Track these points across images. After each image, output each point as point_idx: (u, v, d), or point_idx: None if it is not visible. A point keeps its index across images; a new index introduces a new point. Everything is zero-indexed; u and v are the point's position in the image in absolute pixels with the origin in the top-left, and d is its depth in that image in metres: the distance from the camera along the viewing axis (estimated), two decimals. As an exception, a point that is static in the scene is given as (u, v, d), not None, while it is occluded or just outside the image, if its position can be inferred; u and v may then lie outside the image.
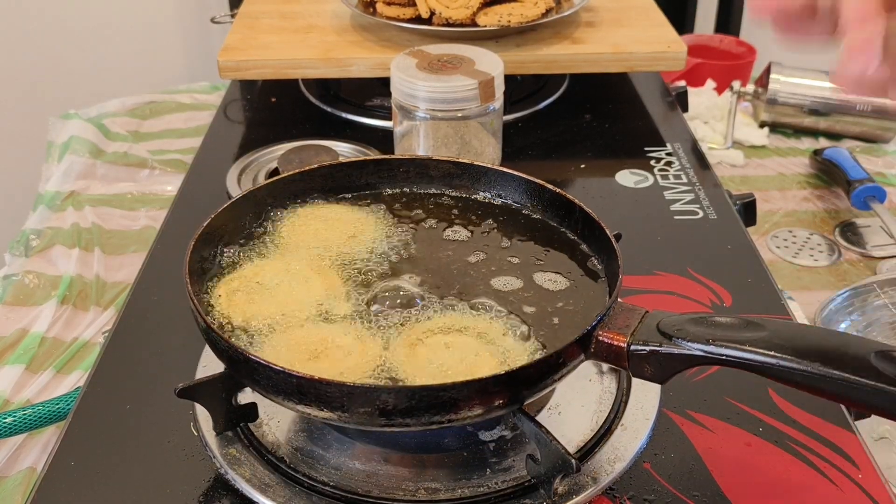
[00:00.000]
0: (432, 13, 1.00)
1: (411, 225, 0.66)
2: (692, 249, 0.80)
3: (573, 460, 0.49)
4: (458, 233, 0.65)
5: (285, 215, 0.66)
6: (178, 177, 1.10)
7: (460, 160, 0.69)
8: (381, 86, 1.06)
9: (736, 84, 1.26)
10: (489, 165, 0.69)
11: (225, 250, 0.62)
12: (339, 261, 0.62)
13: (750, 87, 1.27)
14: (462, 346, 0.54)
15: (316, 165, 0.68)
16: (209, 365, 0.63)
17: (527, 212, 0.67)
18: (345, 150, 0.93)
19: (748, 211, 0.91)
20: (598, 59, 1.00)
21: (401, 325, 0.56)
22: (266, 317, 0.56)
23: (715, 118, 1.30)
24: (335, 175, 0.68)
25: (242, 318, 0.56)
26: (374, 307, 0.57)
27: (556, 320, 0.57)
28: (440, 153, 0.83)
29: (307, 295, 0.58)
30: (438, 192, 0.70)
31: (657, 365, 0.50)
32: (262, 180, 0.88)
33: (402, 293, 0.59)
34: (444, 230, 0.66)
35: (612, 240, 0.59)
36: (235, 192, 0.86)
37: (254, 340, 0.54)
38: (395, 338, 0.55)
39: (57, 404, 0.70)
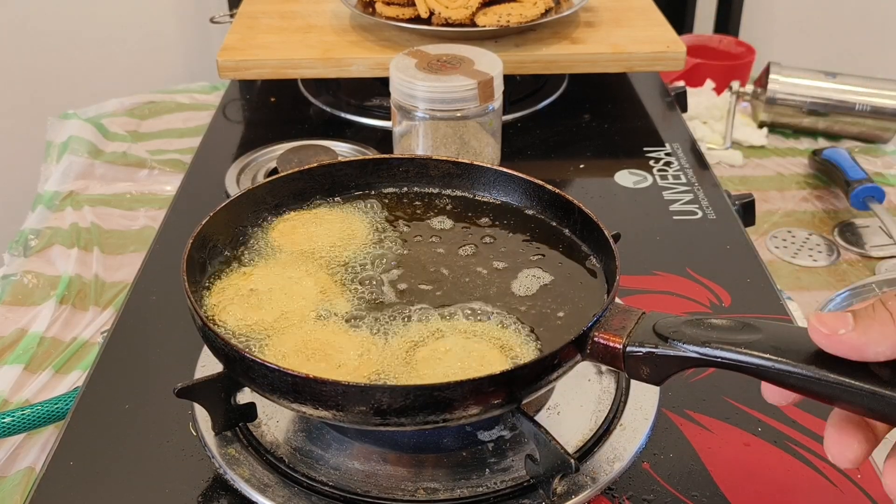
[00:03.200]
0: (431, 13, 1.00)
1: (410, 225, 0.66)
2: (691, 249, 0.80)
3: (572, 460, 0.49)
4: (457, 233, 0.65)
5: (281, 218, 0.66)
6: (177, 177, 1.10)
7: (460, 160, 0.69)
8: (381, 86, 1.06)
9: (735, 84, 1.26)
10: (488, 165, 0.69)
11: (223, 251, 0.62)
12: (336, 264, 0.62)
13: (749, 88, 1.28)
14: (460, 347, 0.54)
15: (316, 164, 0.68)
16: (208, 365, 0.63)
17: (526, 212, 0.67)
18: (344, 150, 0.93)
19: (747, 211, 0.91)
20: (598, 60, 1.00)
21: (399, 328, 0.56)
22: (262, 322, 0.56)
23: (714, 118, 1.30)
24: (334, 174, 0.68)
25: (239, 323, 0.56)
26: (372, 311, 0.57)
27: (553, 321, 0.57)
28: (439, 153, 0.83)
29: (304, 300, 0.58)
30: (437, 192, 0.70)
31: (653, 367, 0.50)
32: (261, 180, 0.88)
33: (400, 296, 0.59)
34: (443, 231, 0.66)
35: (611, 240, 0.59)
36: (234, 191, 0.86)
37: (251, 345, 0.54)
38: (393, 342, 0.55)
39: (56, 404, 0.70)
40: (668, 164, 0.94)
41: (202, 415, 0.58)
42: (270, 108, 1.09)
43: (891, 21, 1.85)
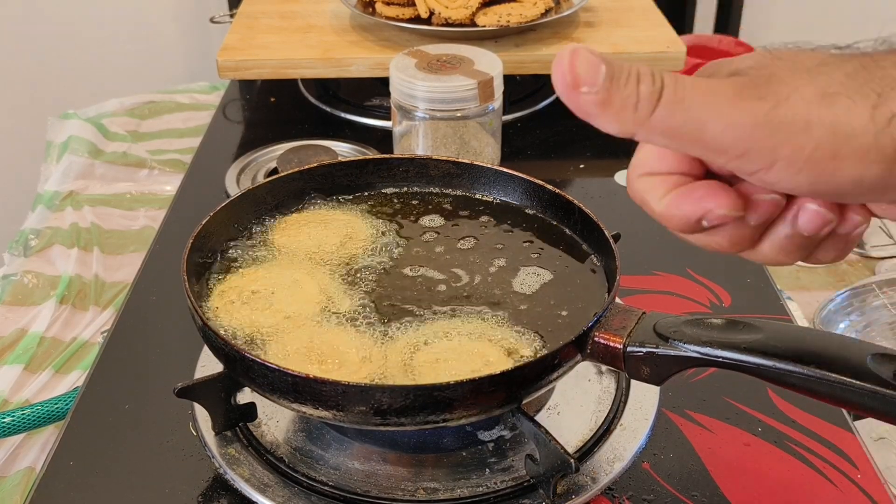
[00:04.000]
0: (431, 13, 1.00)
1: (410, 225, 0.66)
2: (691, 249, 0.79)
3: (572, 460, 0.49)
4: (457, 233, 0.65)
5: (281, 219, 0.66)
6: (177, 177, 1.10)
7: (460, 160, 0.69)
8: (381, 86, 1.06)
9: (735, 84, 1.26)
10: (488, 165, 0.69)
11: (223, 251, 0.62)
12: (336, 264, 0.62)
13: (749, 88, 1.27)
14: (460, 347, 0.54)
15: (316, 164, 0.68)
16: (208, 365, 0.63)
17: (526, 212, 0.67)
18: (344, 150, 0.93)
19: (747, 211, 0.90)
20: (598, 60, 1.00)
21: (400, 328, 0.56)
22: (263, 322, 0.55)
23: (714, 118, 1.30)
24: (334, 174, 0.68)
25: (239, 323, 0.55)
26: (373, 311, 0.57)
27: (553, 320, 0.57)
28: (439, 153, 0.83)
29: (304, 300, 0.57)
30: (438, 191, 0.70)
31: (653, 366, 0.50)
32: (261, 180, 0.88)
33: (400, 296, 0.59)
34: (443, 231, 0.65)
35: (611, 240, 0.59)
36: (234, 191, 0.86)
37: (251, 345, 0.54)
38: (394, 342, 0.55)
39: (56, 404, 0.70)
40: (668, 164, 0.94)
41: (202, 415, 0.58)
42: (270, 108, 1.09)
43: (891, 21, 1.85)
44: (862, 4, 1.83)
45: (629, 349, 0.50)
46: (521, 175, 0.67)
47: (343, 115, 1.05)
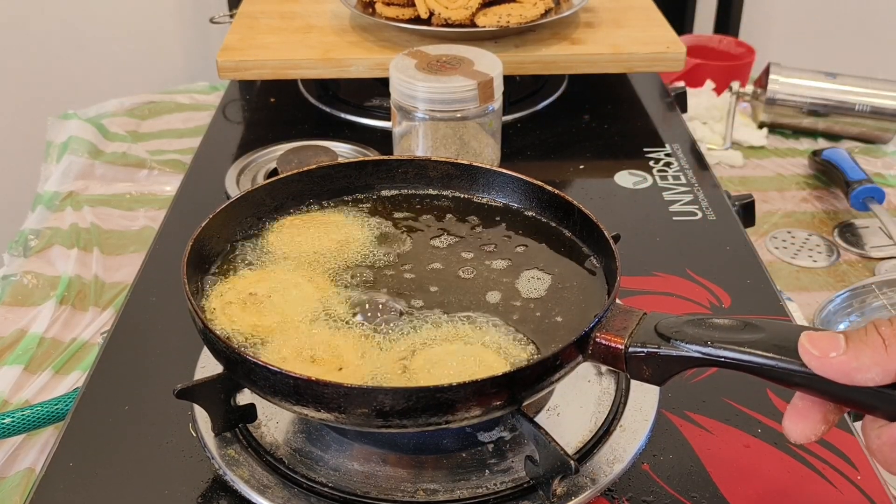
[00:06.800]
0: (431, 13, 1.00)
1: (409, 227, 0.66)
2: (691, 250, 0.80)
3: (572, 461, 0.49)
4: (456, 234, 0.65)
5: (281, 221, 0.66)
6: (176, 177, 1.10)
7: (459, 161, 0.69)
8: (381, 86, 1.06)
9: (735, 85, 1.26)
10: (488, 166, 0.69)
11: (222, 253, 0.62)
12: (335, 266, 0.62)
13: (749, 88, 1.27)
14: (460, 350, 0.54)
15: (315, 166, 0.68)
16: (207, 366, 0.63)
17: (525, 213, 0.67)
18: (344, 151, 0.93)
19: (747, 212, 0.91)
20: (597, 60, 1.00)
21: (399, 331, 0.56)
22: (262, 324, 0.55)
23: (714, 119, 1.30)
24: (334, 176, 0.68)
25: (238, 325, 0.55)
26: (371, 313, 0.57)
27: (554, 322, 0.57)
28: (439, 154, 0.83)
29: (303, 302, 0.57)
30: (437, 193, 0.70)
31: (655, 367, 0.50)
32: (261, 181, 0.88)
33: (399, 299, 0.59)
34: (442, 232, 0.65)
35: (611, 241, 0.59)
36: (234, 192, 0.86)
37: (250, 348, 0.54)
38: (393, 344, 0.55)
39: (55, 405, 0.70)
40: (667, 164, 0.94)
41: (202, 416, 0.58)
42: (270, 108, 1.09)
43: (891, 21, 1.85)
44: (861, 5, 1.84)
45: (630, 350, 0.50)
46: (520, 176, 0.67)
47: (343, 115, 1.05)
